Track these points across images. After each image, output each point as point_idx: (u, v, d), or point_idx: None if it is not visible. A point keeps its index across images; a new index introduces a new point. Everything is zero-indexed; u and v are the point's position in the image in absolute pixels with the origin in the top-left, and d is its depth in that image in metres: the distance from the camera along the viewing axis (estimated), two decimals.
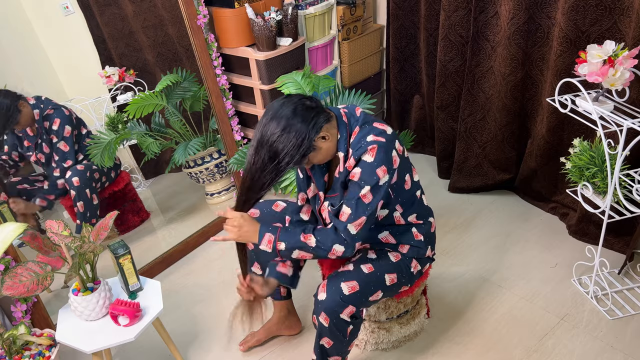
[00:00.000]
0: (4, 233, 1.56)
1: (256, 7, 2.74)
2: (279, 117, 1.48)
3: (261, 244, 1.62)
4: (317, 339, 1.70)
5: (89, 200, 2.42)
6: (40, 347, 1.85)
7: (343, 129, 1.58)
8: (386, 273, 1.68)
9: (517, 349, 1.99)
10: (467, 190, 2.93)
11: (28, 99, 2.28)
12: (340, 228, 1.57)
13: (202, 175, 2.91)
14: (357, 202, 1.54)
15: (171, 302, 2.36)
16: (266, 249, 1.62)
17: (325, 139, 1.54)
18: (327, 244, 1.57)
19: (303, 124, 1.48)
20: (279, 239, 1.61)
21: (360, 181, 1.53)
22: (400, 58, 3.18)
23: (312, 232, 1.59)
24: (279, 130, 1.47)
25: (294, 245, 1.60)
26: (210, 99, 2.73)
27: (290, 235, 1.60)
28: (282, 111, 1.49)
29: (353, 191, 1.55)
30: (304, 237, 1.59)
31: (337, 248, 1.57)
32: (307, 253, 1.61)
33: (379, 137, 1.54)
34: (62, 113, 2.35)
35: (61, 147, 2.37)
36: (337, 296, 1.60)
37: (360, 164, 1.53)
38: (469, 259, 2.46)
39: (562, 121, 2.43)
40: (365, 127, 1.57)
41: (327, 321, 1.62)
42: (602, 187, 1.97)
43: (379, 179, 1.52)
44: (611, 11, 2.12)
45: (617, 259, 2.34)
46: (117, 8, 2.60)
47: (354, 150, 1.55)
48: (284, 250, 1.61)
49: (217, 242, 2.72)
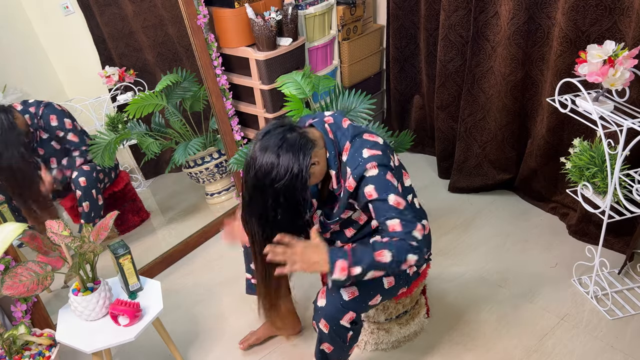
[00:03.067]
0: (4, 233, 1.56)
1: (256, 7, 2.74)
2: (266, 162, 1.45)
3: (334, 274, 1.45)
4: (318, 344, 1.70)
5: (94, 201, 2.42)
6: (40, 347, 1.85)
7: (331, 146, 1.56)
8: (384, 277, 1.67)
9: (517, 349, 1.99)
10: (467, 190, 2.93)
11: (15, 106, 2.26)
12: (405, 237, 1.47)
13: (202, 175, 2.91)
14: (398, 212, 1.48)
15: (171, 302, 2.36)
16: (341, 278, 1.45)
17: (315, 164, 1.53)
18: (402, 254, 1.46)
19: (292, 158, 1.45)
20: (353, 264, 1.45)
21: (383, 194, 1.50)
22: (400, 58, 3.18)
23: (382, 248, 1.46)
24: (273, 171, 1.44)
25: (369, 266, 1.45)
26: (210, 99, 2.73)
27: (364, 255, 1.45)
28: (267, 154, 1.45)
29: (383, 209, 1.50)
30: (376, 254, 1.45)
31: (410, 258, 1.47)
32: (381, 271, 1.48)
33: (373, 150, 1.52)
34: (54, 108, 2.34)
35: (71, 139, 2.38)
36: (337, 302, 1.59)
37: (368, 180, 1.50)
38: (469, 259, 2.46)
39: (562, 121, 2.43)
40: (356, 141, 1.55)
41: (327, 327, 1.61)
42: (602, 187, 1.97)
43: (393, 184, 1.51)
44: (611, 11, 2.12)
45: (617, 259, 2.34)
46: (117, 8, 2.60)
47: (352, 168, 1.52)
48: (360, 274, 1.46)
49: (216, 242, 2.72)
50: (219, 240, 2.76)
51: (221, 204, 2.99)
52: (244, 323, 2.22)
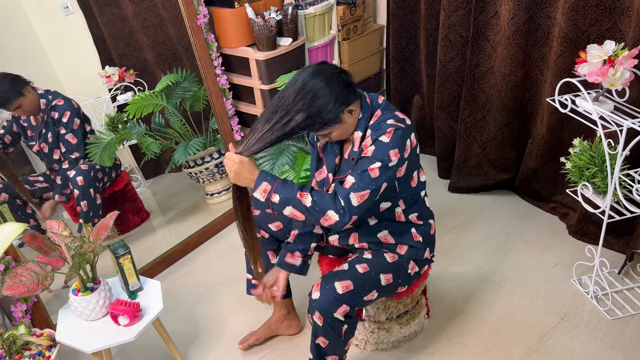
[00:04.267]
0: (4, 233, 1.56)
1: (256, 7, 2.74)
2: (320, 75, 1.49)
3: (256, 191, 1.54)
4: (313, 338, 1.70)
5: (92, 200, 2.42)
6: (40, 347, 1.85)
7: (365, 109, 1.60)
8: (382, 273, 1.68)
9: (517, 349, 1.99)
10: (467, 190, 2.93)
11: (38, 89, 2.30)
12: (341, 195, 1.52)
13: (202, 175, 2.91)
14: (364, 174, 1.53)
15: (171, 302, 2.36)
16: (260, 198, 1.54)
17: (351, 113, 1.56)
18: (323, 207, 1.51)
19: (342, 90, 1.50)
20: (275, 191, 1.53)
21: (372, 157, 1.53)
22: (400, 58, 3.18)
23: (309, 192, 1.53)
24: (322, 84, 1.47)
25: (289, 200, 1.53)
26: (210, 99, 2.73)
27: (287, 189, 1.53)
28: (323, 70, 1.50)
29: (362, 164, 1.54)
30: (300, 194, 1.52)
31: (331, 215, 1.51)
32: (300, 212, 1.54)
33: (398, 123, 1.56)
34: (72, 105, 2.37)
35: (69, 139, 2.38)
36: (331, 295, 1.60)
37: (376, 143, 1.54)
38: (469, 259, 2.46)
39: (562, 121, 2.43)
40: (387, 113, 1.60)
41: (320, 320, 1.62)
42: (602, 187, 1.97)
43: (390, 160, 1.53)
44: (611, 11, 2.12)
45: (617, 259, 2.34)
46: (117, 8, 2.60)
47: (372, 131, 1.57)
48: (277, 204, 1.54)
49: (216, 242, 2.72)
50: (219, 240, 2.76)
51: (221, 204, 2.99)
52: (244, 323, 2.22)
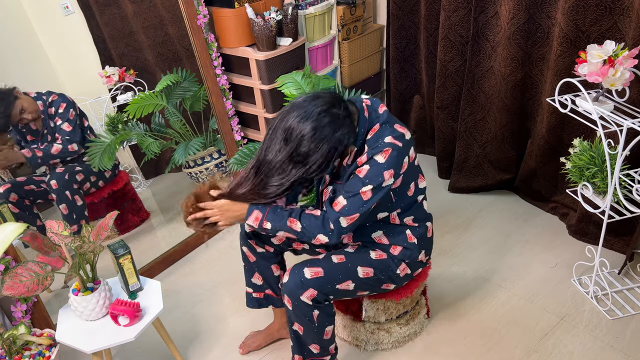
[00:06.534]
0: (4, 233, 1.56)
1: (256, 7, 2.74)
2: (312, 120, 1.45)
3: (248, 219, 1.63)
4: (290, 324, 1.74)
5: (71, 202, 2.40)
6: (40, 347, 1.85)
7: (362, 123, 1.58)
8: (359, 266, 1.69)
9: (517, 349, 1.99)
10: (467, 190, 2.93)
11: (30, 93, 2.30)
12: (331, 217, 1.56)
13: (202, 175, 2.91)
14: (356, 197, 1.54)
15: (171, 302, 2.36)
16: (253, 225, 1.64)
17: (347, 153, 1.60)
18: (312, 232, 1.58)
19: (344, 134, 1.49)
20: (266, 219, 1.61)
21: (365, 179, 1.53)
22: (400, 58, 3.18)
23: (298, 218, 1.59)
24: (314, 144, 1.45)
25: (280, 226, 1.61)
26: (210, 99, 2.73)
27: (278, 217, 1.60)
28: (320, 118, 1.46)
29: (354, 185, 1.55)
30: (290, 221, 1.59)
31: (321, 238, 1.58)
32: (292, 235, 1.62)
33: (396, 141, 1.54)
34: (67, 99, 2.38)
35: (64, 128, 2.38)
36: (298, 279, 1.64)
37: (371, 162, 1.54)
38: (469, 259, 2.46)
39: (562, 121, 2.43)
40: (385, 127, 1.57)
41: (290, 303, 1.67)
42: (602, 187, 1.97)
43: (384, 181, 1.53)
44: (611, 11, 2.12)
45: (617, 259, 2.34)
46: (117, 8, 2.60)
47: (369, 147, 1.56)
48: (269, 229, 1.62)
49: (216, 242, 2.72)
50: (219, 240, 2.76)
51: None
52: (244, 323, 2.22)
